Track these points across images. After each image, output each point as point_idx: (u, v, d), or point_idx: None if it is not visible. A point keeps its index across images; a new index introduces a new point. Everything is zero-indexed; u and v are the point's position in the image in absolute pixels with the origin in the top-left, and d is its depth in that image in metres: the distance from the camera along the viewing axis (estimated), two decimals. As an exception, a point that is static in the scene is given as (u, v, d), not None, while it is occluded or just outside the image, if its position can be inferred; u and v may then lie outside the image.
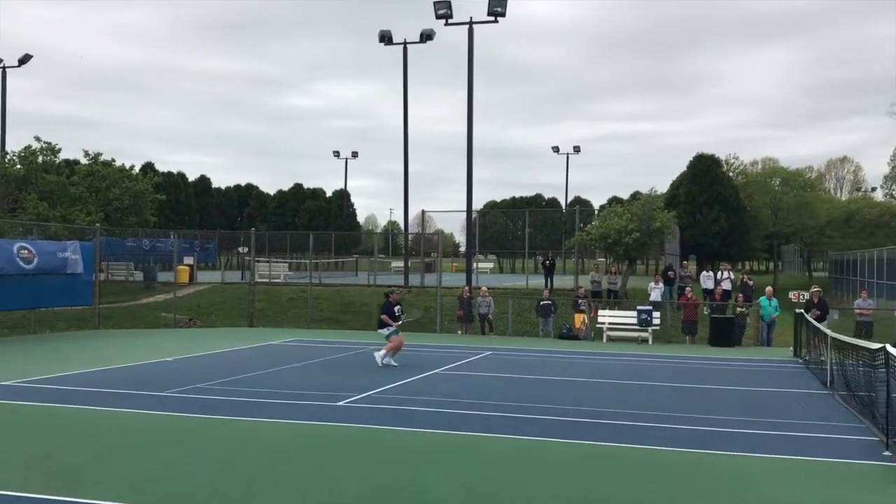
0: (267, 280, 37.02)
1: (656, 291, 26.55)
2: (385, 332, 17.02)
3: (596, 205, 73.63)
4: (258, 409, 11.37)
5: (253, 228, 34.14)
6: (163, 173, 63.80)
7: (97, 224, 28.84)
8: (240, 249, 45.66)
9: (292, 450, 9.05)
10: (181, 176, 74.69)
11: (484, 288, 27.13)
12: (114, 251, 37.18)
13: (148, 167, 64.14)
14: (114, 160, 37.13)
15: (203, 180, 79.21)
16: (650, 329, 23.75)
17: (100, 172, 35.17)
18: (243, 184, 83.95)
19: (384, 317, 17.02)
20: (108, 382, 13.75)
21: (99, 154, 36.75)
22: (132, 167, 37.75)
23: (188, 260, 37.52)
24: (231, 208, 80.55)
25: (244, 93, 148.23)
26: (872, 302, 25.86)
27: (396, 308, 17.28)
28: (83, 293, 25.19)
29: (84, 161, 37.15)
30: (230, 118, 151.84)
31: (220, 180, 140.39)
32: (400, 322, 17.15)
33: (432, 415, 11.13)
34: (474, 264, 35.47)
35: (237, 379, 14.36)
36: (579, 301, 24.90)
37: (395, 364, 16.63)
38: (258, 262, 37.56)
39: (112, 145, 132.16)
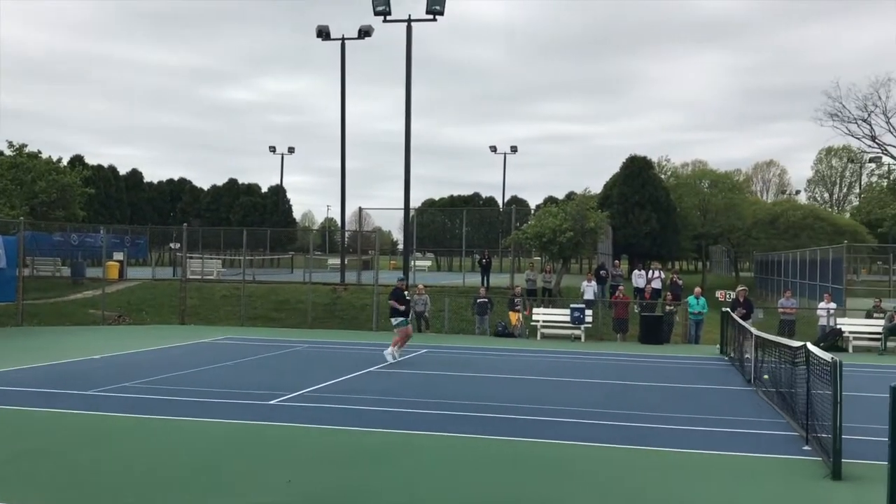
0: (200, 277, 36.37)
1: (589, 290, 26.99)
2: (395, 321, 17.47)
3: (532, 204, 74.45)
4: (187, 409, 11.18)
5: (185, 224, 33.51)
6: (92, 166, 62.15)
7: (21, 218, 27.91)
8: (172, 245, 44.72)
9: (223, 449, 8.93)
10: (112, 170, 72.93)
11: (420, 286, 27.15)
12: (40, 246, 36.06)
13: (77, 160, 62.34)
14: (40, 152, 36.03)
15: (135, 174, 77.49)
16: (583, 327, 24.14)
17: (25, 165, 34.07)
18: (176, 178, 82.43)
19: (392, 301, 17.45)
20: (30, 381, 13.34)
21: (24, 145, 35.61)
22: (59, 160, 36.74)
23: (118, 256, 36.62)
24: (163, 203, 78.96)
25: (178, 85, 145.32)
26: (795, 301, 26.74)
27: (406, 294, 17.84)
28: (6, 289, 24.39)
29: (8, 152, 35.93)
30: (163, 111, 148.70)
31: (153, 174, 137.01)
32: (408, 309, 17.85)
33: (366, 413, 11.11)
34: (412, 262, 35.46)
35: (167, 378, 14.10)
36: (515, 300, 25.15)
37: (398, 358, 17.05)
38: (190, 258, 36.88)
39: (38, 137, 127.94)
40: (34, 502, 6.70)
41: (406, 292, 18.11)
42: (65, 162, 39.32)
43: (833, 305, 24.10)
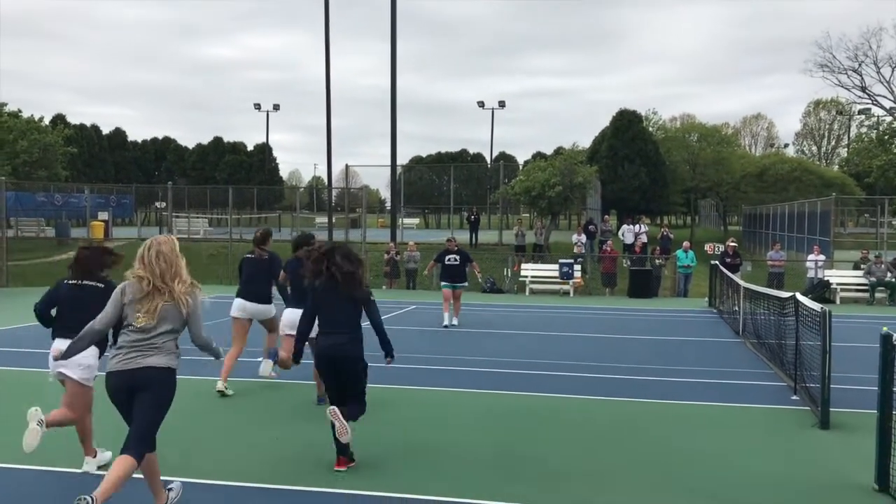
0: (186, 236, 36.13)
1: (580, 245, 27.00)
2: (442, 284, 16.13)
3: (521, 160, 74.05)
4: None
5: (170, 182, 33.17)
6: (75, 126, 61.36)
7: (2, 178, 27.51)
8: (157, 204, 44.35)
9: (209, 406, 8.85)
10: (94, 129, 72.00)
11: (412, 243, 27.05)
12: (23, 206, 35.68)
13: (59, 119, 61.54)
14: (20, 111, 35.46)
15: (118, 133, 76.54)
16: (571, 281, 24.13)
17: (6, 124, 33.58)
18: (161, 137, 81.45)
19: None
20: (13, 341, 13.21)
21: (4, 104, 35.04)
22: (41, 119, 36.16)
23: (103, 215, 36.31)
24: (148, 162, 78.14)
25: (161, 43, 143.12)
26: (784, 254, 26.80)
27: (449, 258, 16.04)
28: (-11, 250, 24.14)
29: (-13, 112, 35.38)
30: (146, 69, 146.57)
31: (137, 133, 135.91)
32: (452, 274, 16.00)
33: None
34: (399, 220, 35.30)
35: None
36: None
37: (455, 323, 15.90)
38: (177, 217, 36.63)
39: (19, 96, 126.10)
40: (13, 461, 6.61)
41: (452, 255, 16.19)
42: (46, 121, 38.69)
43: (822, 257, 24.16)
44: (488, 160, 63.52)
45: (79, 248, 6.75)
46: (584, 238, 27.96)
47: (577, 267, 24.54)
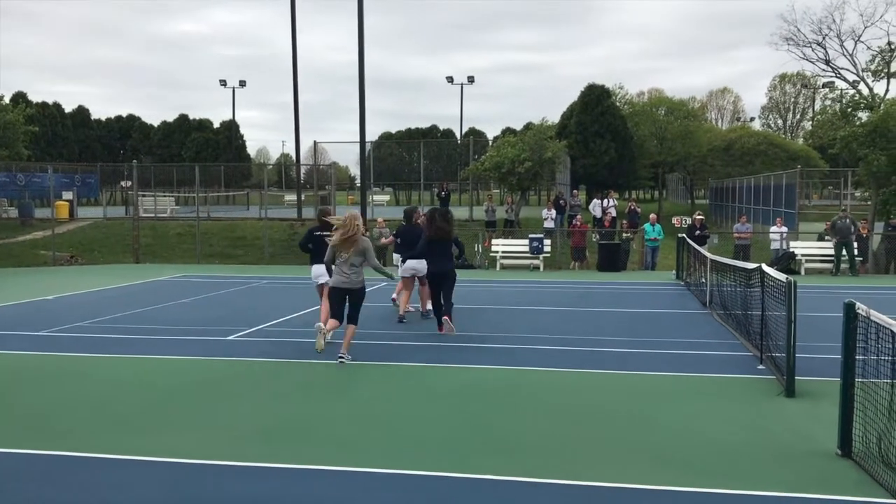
0: (153, 215, 35.72)
1: (549, 219, 27.11)
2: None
3: (490, 136, 74.00)
4: (143, 346, 11.01)
5: (135, 161, 32.71)
6: (36, 104, 60.20)
7: (-38, 158, 26.94)
8: (123, 183, 43.70)
9: (180, 384, 8.80)
10: (57, 107, 70.69)
11: (381, 219, 26.94)
12: (-17, 186, 35.01)
13: (19, 97, 60.24)
14: (-22, 89, 34.62)
15: (81, 111, 75.19)
16: (541, 256, 24.25)
17: (-37, 102, 32.79)
18: (125, 115, 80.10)
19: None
20: (-21, 324, 13.01)
21: (-39, 82, 34.19)
22: (0, 97, 35.31)
23: (67, 195, 35.70)
24: (113, 141, 76.95)
25: (124, 19, 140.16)
26: (750, 226, 27.13)
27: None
28: (-50, 231, 23.64)
29: (-55, 90, 34.50)
30: (109, 46, 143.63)
31: (100, 112, 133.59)
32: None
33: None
34: (369, 197, 35.13)
35: (121, 316, 13.85)
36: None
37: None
38: (143, 196, 36.16)
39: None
40: (-16, 444, 6.55)
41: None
42: (6, 99, 37.84)
43: (785, 229, 24.49)
44: (458, 136, 63.37)
45: (321, 209, 13.40)
46: (553, 213, 28.09)
47: (547, 242, 24.67)
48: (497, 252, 24.92)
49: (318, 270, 11.55)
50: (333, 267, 9.93)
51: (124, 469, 5.97)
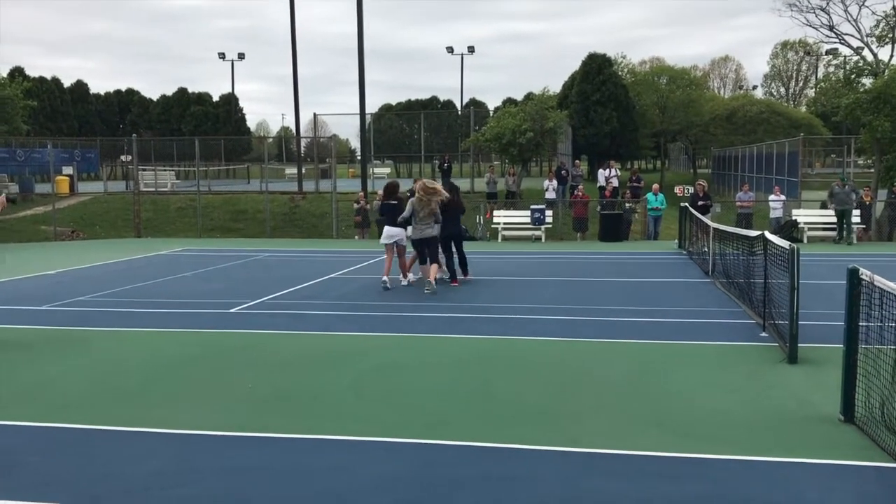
0: (153, 189, 35.65)
1: (551, 190, 27.00)
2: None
3: (491, 107, 73.50)
4: (145, 320, 11.02)
5: (135, 135, 32.56)
6: (34, 79, 59.77)
7: (-39, 133, 26.81)
8: (123, 158, 43.58)
9: (182, 357, 8.81)
10: (55, 81, 70.33)
11: (381, 192, 26.85)
12: (-17, 162, 34.90)
13: (17, 72, 59.93)
14: (-25, 64, 34.37)
15: (80, 86, 74.77)
16: (543, 227, 24.20)
17: (-40, 77, 32.56)
18: (124, 89, 79.66)
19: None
20: (-18, 299, 13.02)
21: (-43, 57, 33.93)
22: (-3, 72, 35.07)
23: (67, 170, 35.61)
24: (112, 115, 76.63)
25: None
26: (752, 194, 27.04)
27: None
28: (-51, 207, 23.58)
29: (-59, 65, 34.26)
30: (105, 19, 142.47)
31: (99, 86, 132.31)
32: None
33: (325, 318, 11.05)
34: (370, 169, 35.01)
35: (123, 290, 13.86)
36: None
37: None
38: (143, 170, 36.05)
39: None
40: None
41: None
42: (4, 74, 37.61)
43: (783, 198, 24.37)
44: (459, 107, 63.02)
45: (390, 182, 15.34)
46: (555, 183, 27.96)
47: (549, 212, 24.60)
48: (499, 224, 24.86)
49: (390, 232, 13.82)
50: (413, 223, 13.17)
51: (128, 441, 5.99)
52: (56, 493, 4.91)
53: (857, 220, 22.67)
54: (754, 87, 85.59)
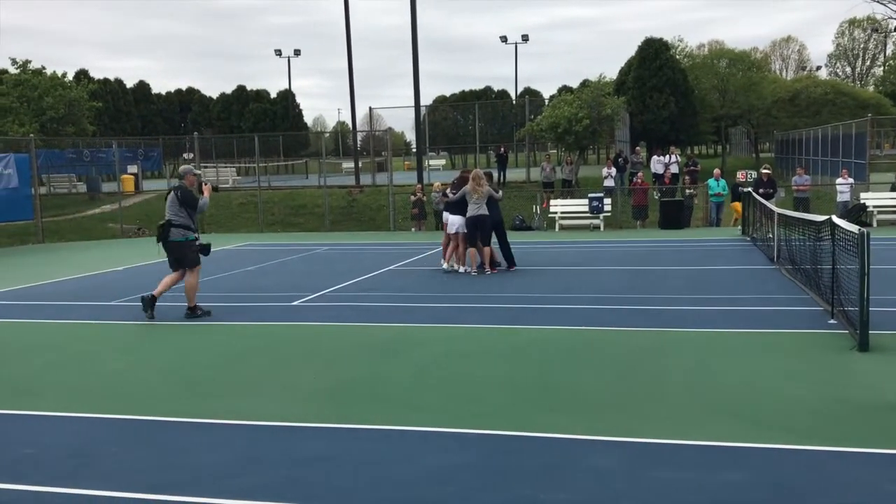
0: (215, 186, 36.30)
1: (609, 178, 26.71)
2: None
3: (546, 95, 72.94)
4: (212, 314, 11.24)
5: (196, 133, 33.24)
6: (99, 80, 61.43)
7: (31, 135, 27.70)
8: (185, 156, 44.51)
9: (247, 349, 8.98)
10: (119, 83, 72.21)
11: (438, 183, 26.93)
12: (53, 163, 36.07)
13: (82, 74, 61.73)
14: (44, 68, 35.49)
15: (142, 86, 76.69)
16: (601, 216, 23.95)
17: (30, 81, 33.61)
18: (184, 89, 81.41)
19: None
20: (54, 295, 13.47)
21: (28, 62, 35.06)
22: (64, 74, 36.14)
23: (132, 169, 36.62)
24: (173, 114, 78.42)
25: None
26: (808, 178, 26.24)
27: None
28: (22, 207, 24.43)
29: (12, 70, 35.42)
30: (166, 18, 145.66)
31: (160, 86, 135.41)
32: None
33: (385, 309, 11.13)
34: (426, 161, 35.13)
35: (189, 285, 14.13)
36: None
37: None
38: (205, 167, 36.79)
39: (40, 53, 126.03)
40: (70, 409, 6.79)
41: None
42: (70, 77, 38.71)
43: (850, 180, 23.63)
44: (513, 97, 62.69)
45: (463, 171, 15.52)
46: (613, 171, 27.65)
47: (607, 201, 24.32)
48: (556, 213, 24.70)
49: (452, 220, 14.48)
50: (469, 204, 13.96)
51: (198, 432, 6.14)
52: (132, 483, 5.06)
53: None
54: (818, 68, 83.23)
